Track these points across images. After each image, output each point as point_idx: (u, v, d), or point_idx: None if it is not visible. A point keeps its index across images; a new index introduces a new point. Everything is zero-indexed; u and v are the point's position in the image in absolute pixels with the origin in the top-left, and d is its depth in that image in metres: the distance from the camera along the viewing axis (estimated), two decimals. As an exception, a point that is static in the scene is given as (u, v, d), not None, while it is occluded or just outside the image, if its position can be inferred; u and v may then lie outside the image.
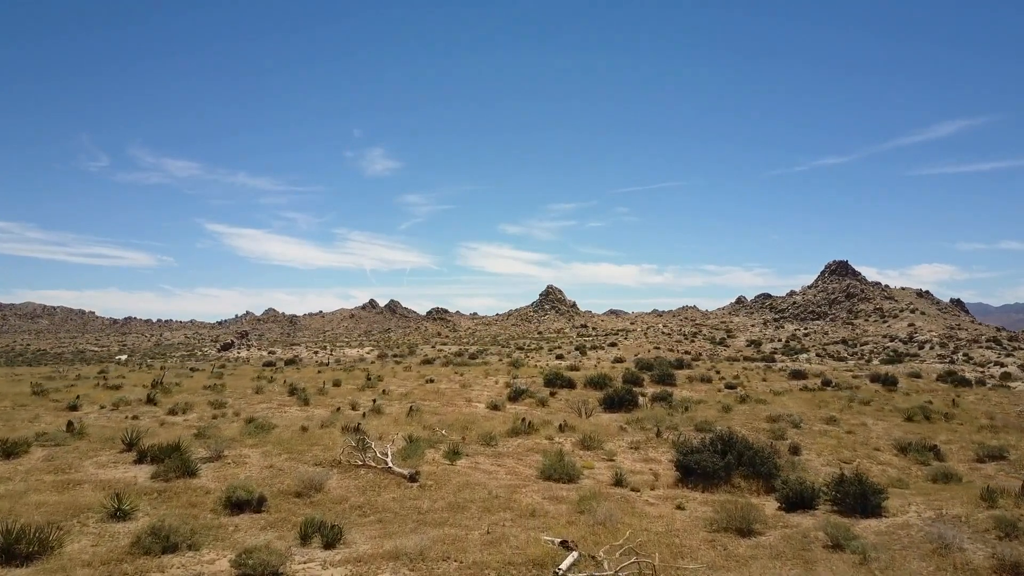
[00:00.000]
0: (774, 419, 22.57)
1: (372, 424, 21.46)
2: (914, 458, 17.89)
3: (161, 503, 11.57)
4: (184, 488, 12.47)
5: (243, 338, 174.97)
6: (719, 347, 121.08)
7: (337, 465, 14.49)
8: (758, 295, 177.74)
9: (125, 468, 13.96)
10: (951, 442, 20.41)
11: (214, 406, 26.12)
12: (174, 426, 21.55)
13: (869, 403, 28.51)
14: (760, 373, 48.28)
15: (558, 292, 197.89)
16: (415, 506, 11.95)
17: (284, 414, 24.46)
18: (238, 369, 56.25)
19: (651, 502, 13.11)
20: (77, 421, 21.53)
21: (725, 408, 26.00)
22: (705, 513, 12.23)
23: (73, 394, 29.61)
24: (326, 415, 23.56)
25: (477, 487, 13.32)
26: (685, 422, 22.50)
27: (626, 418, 23.87)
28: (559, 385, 33.61)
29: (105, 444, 16.22)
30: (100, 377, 42.85)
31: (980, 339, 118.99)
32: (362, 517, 11.33)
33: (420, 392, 31.77)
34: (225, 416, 23.82)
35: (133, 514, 10.53)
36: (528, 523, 11.10)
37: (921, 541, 10.04)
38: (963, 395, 32.91)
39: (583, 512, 11.71)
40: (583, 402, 27.01)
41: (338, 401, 28.32)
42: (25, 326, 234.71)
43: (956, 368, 61.93)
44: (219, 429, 19.41)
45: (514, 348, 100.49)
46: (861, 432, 21.56)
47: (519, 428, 20.03)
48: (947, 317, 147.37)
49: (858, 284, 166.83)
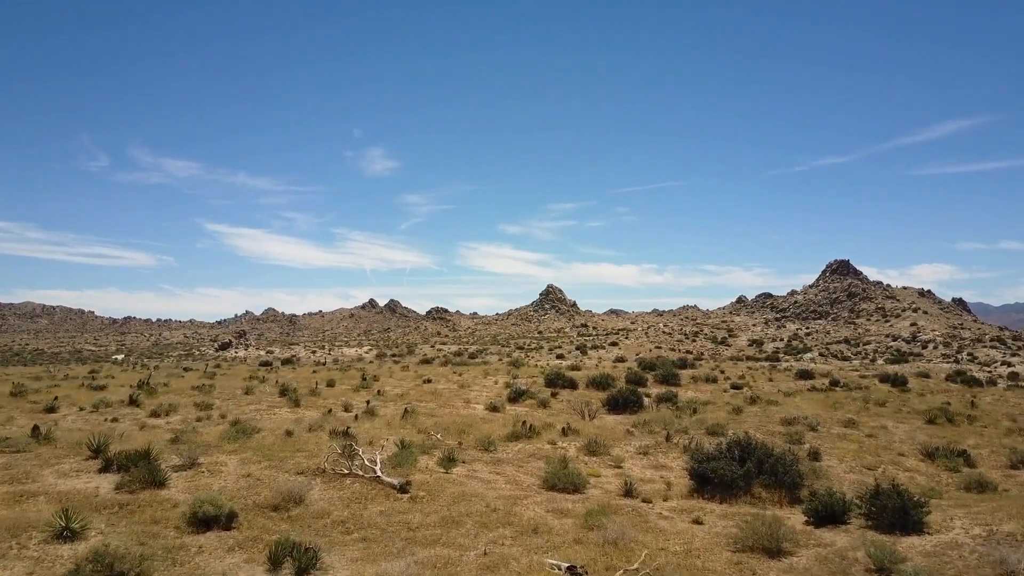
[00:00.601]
0: (789, 422, 21.38)
1: (363, 427, 20.26)
2: (943, 464, 16.70)
3: (120, 519, 10.36)
4: (149, 501, 11.26)
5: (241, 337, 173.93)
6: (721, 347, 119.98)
7: (321, 474, 13.27)
8: (759, 294, 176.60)
9: (88, 478, 12.75)
10: (979, 447, 19.21)
11: (200, 408, 24.91)
12: (155, 429, 20.35)
13: (884, 404, 27.30)
14: (766, 373, 47.15)
15: (558, 292, 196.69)
16: (404, 521, 10.74)
17: (273, 416, 23.25)
18: (232, 369, 54.99)
19: (665, 515, 11.91)
20: (51, 424, 20.37)
21: (735, 410, 24.80)
22: (726, 528, 11.04)
23: (55, 395, 28.41)
24: (316, 417, 22.36)
25: (474, 499, 12.11)
26: (695, 425, 21.30)
27: (632, 420, 22.67)
28: (560, 385, 32.45)
29: (72, 450, 15.00)
30: (89, 377, 41.65)
31: (984, 338, 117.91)
32: (344, 535, 10.12)
33: (416, 393, 30.57)
34: (210, 418, 22.61)
35: (84, 533, 9.32)
36: (530, 542, 9.91)
37: (978, 565, 8.83)
38: (979, 396, 31.71)
39: (592, 528, 10.52)
40: (586, 403, 25.82)
41: (330, 402, 27.11)
42: (24, 326, 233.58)
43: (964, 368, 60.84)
44: (199, 433, 18.20)
45: (514, 348, 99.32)
46: (882, 436, 20.35)
47: (519, 432, 18.84)
48: (949, 316, 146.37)
49: (859, 283, 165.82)
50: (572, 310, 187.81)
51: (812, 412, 23.56)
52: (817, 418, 22.20)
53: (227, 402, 27.14)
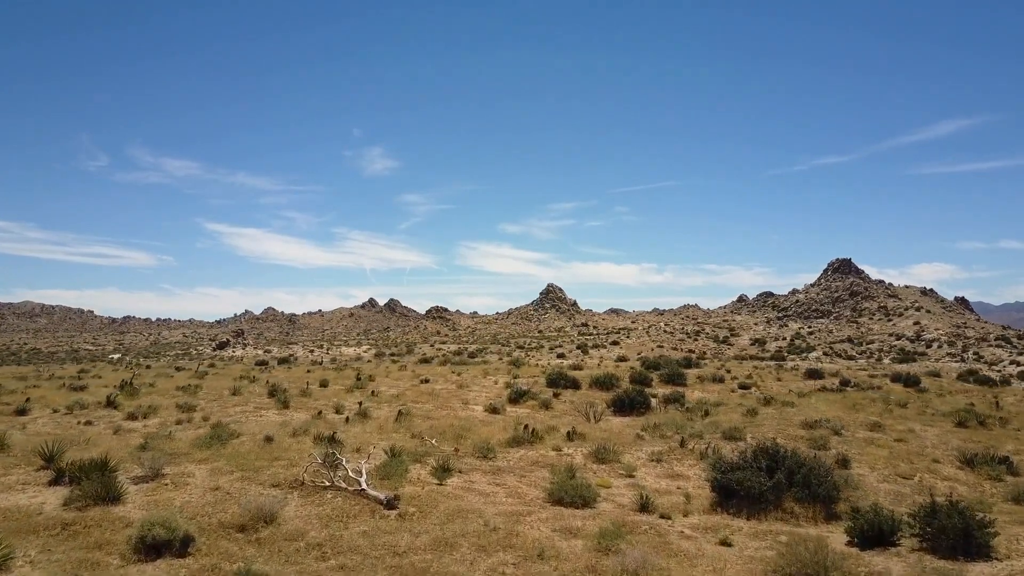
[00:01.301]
0: (810, 425, 19.94)
1: (353, 431, 18.83)
2: (984, 472, 15.27)
3: (60, 543, 8.93)
4: (99, 520, 9.83)
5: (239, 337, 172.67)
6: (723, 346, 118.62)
7: (300, 486, 11.84)
8: (760, 293, 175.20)
9: (35, 491, 11.31)
10: (1020, 452, 17.78)
11: (182, 409, 23.46)
12: (130, 433, 18.91)
13: (906, 405, 25.86)
14: (773, 372, 45.76)
15: (558, 291, 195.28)
16: (390, 544, 9.32)
17: (258, 419, 21.81)
18: (226, 368, 53.56)
19: (688, 534, 10.49)
20: (18, 427, 18.97)
21: (750, 412, 23.37)
22: (759, 551, 9.62)
23: (32, 395, 26.98)
24: (304, 420, 20.92)
25: (470, 516, 10.68)
26: (709, 428, 19.87)
27: (641, 423, 21.24)
28: (563, 386, 31.06)
29: (25, 459, 13.57)
30: (74, 377, 40.21)
31: (988, 337, 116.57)
32: (320, 561, 8.70)
33: (413, 393, 29.13)
34: (191, 421, 21.18)
35: (7, 564, 7.90)
36: (536, 569, 8.50)
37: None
38: (1000, 396, 30.27)
39: (606, 552, 9.10)
40: (590, 405, 24.38)
41: (322, 404, 25.67)
42: (24, 325, 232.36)
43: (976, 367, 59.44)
44: (172, 439, 16.76)
45: (514, 347, 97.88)
46: (913, 440, 18.91)
47: (521, 437, 17.41)
48: (952, 315, 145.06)
49: (861, 282, 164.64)
50: (572, 309, 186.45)
51: (833, 414, 22.13)
52: (839, 421, 20.76)
53: (212, 403, 25.71)
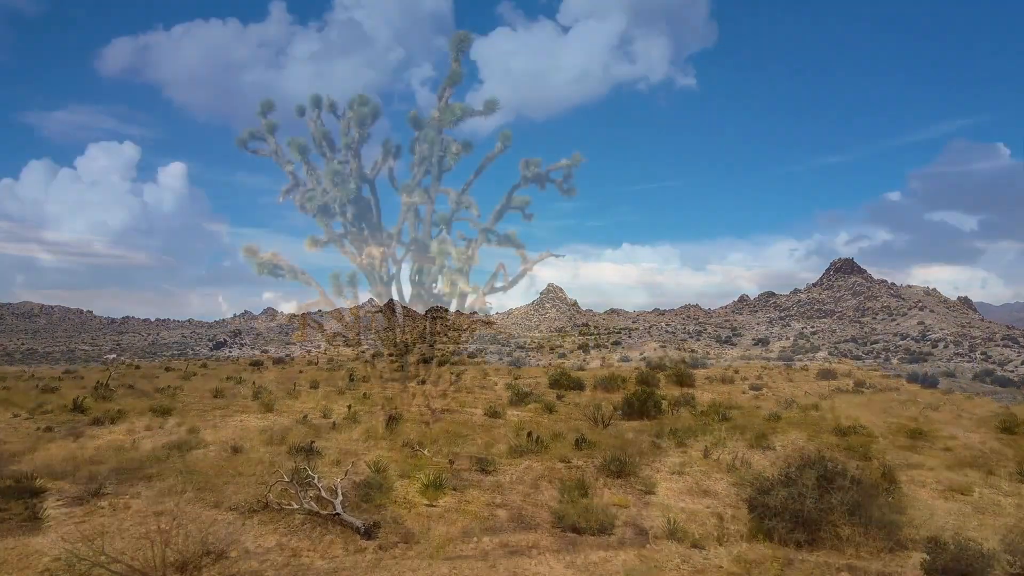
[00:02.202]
0: (843, 432, 18.11)
1: (338, 439, 17.01)
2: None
3: (-55, 589, 7.10)
4: (7, 556, 7.99)
5: (236, 336, 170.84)
6: (726, 346, 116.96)
7: (263, 509, 9.99)
8: (762, 293, 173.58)
9: (-57, 517, 9.47)
10: (1082, 463, 15.93)
11: (155, 414, 21.63)
12: (92, 439, 17.10)
13: (938, 408, 24.05)
14: (782, 373, 44.07)
15: (559, 290, 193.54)
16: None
17: (237, 424, 19.99)
18: (217, 368, 51.75)
19: (729, 570, 8.65)
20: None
21: (772, 416, 21.54)
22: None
23: None
24: (286, 425, 19.10)
25: (465, 547, 8.84)
26: (730, 434, 18.03)
27: (654, 428, 19.39)
28: (566, 387, 29.34)
29: (-52, 474, 11.71)
30: (56, 379, 38.40)
31: (995, 337, 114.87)
32: (273, 614, 6.86)
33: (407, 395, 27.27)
34: (162, 427, 19.33)
35: None
36: (547, 626, 6.66)
37: None
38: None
39: (634, 599, 7.27)
40: (597, 408, 22.52)
41: (309, 407, 23.84)
42: (22, 325, 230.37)
43: (989, 368, 57.68)
44: (133, 448, 14.91)
45: (514, 347, 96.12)
46: (960, 450, 17.09)
47: (524, 446, 15.57)
48: (956, 315, 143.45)
49: (864, 282, 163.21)
50: (573, 309, 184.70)
51: (865, 419, 20.31)
52: (873, 426, 18.94)
53: (190, 407, 23.87)
